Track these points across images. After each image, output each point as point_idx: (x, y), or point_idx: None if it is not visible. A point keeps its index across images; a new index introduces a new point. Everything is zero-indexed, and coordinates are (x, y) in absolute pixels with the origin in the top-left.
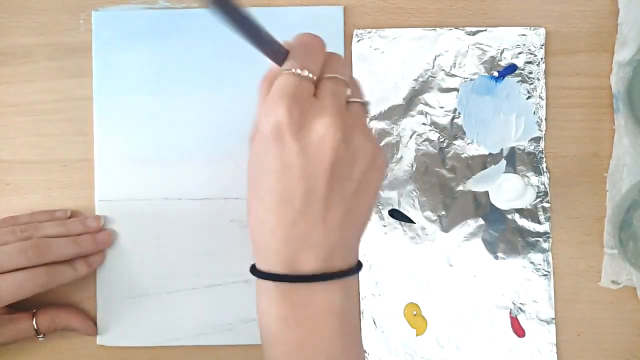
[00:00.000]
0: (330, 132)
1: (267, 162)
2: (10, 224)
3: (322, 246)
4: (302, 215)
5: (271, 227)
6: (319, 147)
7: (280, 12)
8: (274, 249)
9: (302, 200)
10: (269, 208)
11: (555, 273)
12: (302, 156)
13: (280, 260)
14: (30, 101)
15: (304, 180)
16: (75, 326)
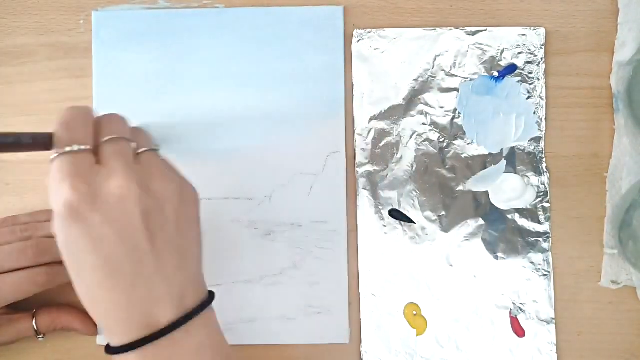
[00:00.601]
0: (126, 190)
1: (76, 244)
2: (10, 224)
3: (169, 294)
4: (137, 276)
5: (113, 301)
6: (122, 208)
7: (280, 12)
8: (125, 318)
9: (129, 263)
10: (102, 285)
11: (555, 273)
12: (108, 224)
13: (136, 326)
14: (30, 101)
15: (122, 244)
16: (75, 326)
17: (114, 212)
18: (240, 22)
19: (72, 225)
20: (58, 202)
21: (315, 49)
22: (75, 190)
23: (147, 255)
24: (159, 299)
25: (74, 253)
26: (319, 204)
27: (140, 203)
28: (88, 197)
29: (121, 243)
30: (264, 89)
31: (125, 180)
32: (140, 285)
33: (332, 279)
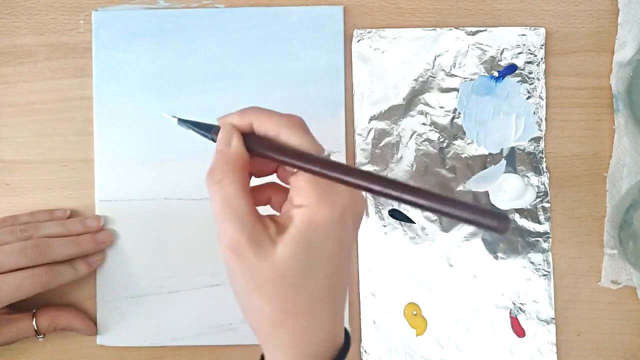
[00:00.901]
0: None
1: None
2: (10, 224)
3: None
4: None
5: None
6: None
7: (280, 12)
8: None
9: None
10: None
11: (555, 273)
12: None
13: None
14: (30, 101)
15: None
16: (75, 326)
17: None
18: (240, 22)
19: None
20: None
21: (315, 49)
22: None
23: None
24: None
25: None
26: None
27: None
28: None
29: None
30: (264, 89)
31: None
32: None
33: None
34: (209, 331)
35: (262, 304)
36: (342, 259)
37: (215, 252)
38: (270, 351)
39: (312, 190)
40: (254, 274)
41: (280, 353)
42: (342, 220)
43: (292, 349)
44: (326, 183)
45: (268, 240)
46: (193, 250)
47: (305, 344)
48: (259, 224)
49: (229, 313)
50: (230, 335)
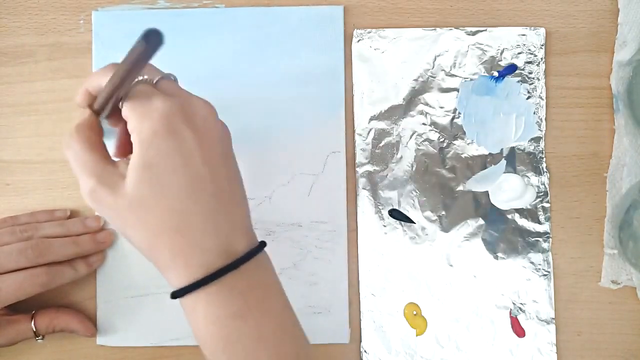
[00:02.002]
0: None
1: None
2: (10, 224)
3: (241, 223)
4: (218, 200)
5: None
6: (207, 127)
7: (280, 12)
8: (206, 247)
9: (212, 185)
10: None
11: (555, 273)
12: (198, 140)
13: (217, 255)
14: (30, 101)
15: (207, 164)
16: (74, 328)
17: (202, 131)
18: (240, 22)
19: (166, 139)
20: (153, 116)
21: (315, 49)
22: (169, 103)
23: (224, 180)
24: (237, 229)
25: (159, 174)
26: (319, 204)
27: (217, 125)
28: (182, 112)
29: (206, 163)
30: (264, 89)
31: (206, 102)
32: (221, 210)
33: (332, 279)
34: None
35: (135, 234)
36: (193, 171)
37: None
38: (166, 275)
39: (132, 113)
40: (116, 210)
41: (171, 273)
42: (170, 130)
43: (176, 266)
44: (142, 102)
45: (118, 177)
46: None
47: (186, 258)
48: (109, 167)
49: None
50: None
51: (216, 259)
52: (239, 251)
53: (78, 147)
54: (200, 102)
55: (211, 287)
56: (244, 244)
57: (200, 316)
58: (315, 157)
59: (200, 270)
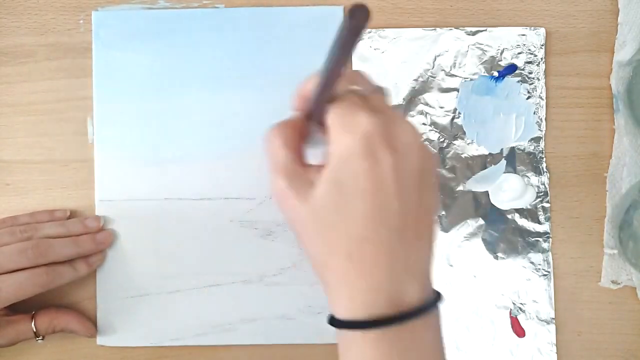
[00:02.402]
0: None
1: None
2: (9, 224)
3: (420, 271)
4: (400, 238)
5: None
6: (409, 157)
7: (280, 12)
8: (373, 284)
9: (398, 220)
10: (365, 239)
11: (555, 273)
12: (395, 169)
13: (383, 300)
14: (30, 101)
15: (398, 197)
16: (74, 328)
17: (402, 158)
18: (240, 22)
19: (361, 160)
20: (355, 131)
21: (315, 49)
22: (373, 121)
23: (413, 215)
24: (412, 273)
25: (347, 194)
26: None
27: (421, 152)
28: (385, 133)
29: (398, 194)
30: (264, 89)
31: (413, 128)
32: (400, 250)
33: None
34: (209, 331)
35: (309, 246)
36: (382, 200)
37: (215, 252)
38: (328, 297)
39: (334, 124)
40: (298, 217)
41: (332, 297)
42: (367, 150)
43: (339, 295)
44: (347, 115)
45: (308, 184)
46: (193, 250)
47: (352, 290)
48: (301, 171)
49: (229, 313)
50: (230, 335)
51: (382, 303)
52: (409, 302)
53: (278, 144)
54: (406, 126)
55: (371, 334)
56: (416, 294)
57: (353, 354)
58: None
59: (362, 309)
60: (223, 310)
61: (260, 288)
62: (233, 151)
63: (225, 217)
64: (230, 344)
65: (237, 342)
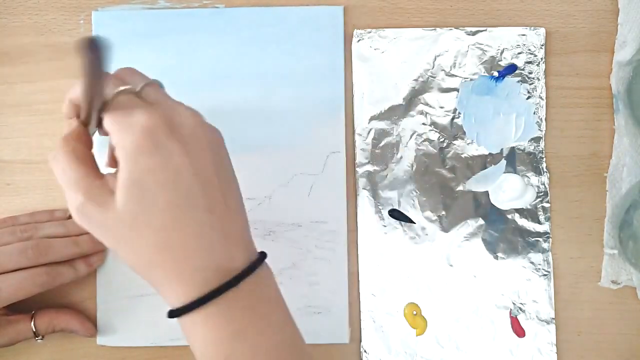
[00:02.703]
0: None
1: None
2: (10, 224)
3: (240, 237)
4: (211, 215)
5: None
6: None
7: (280, 12)
8: (200, 265)
9: (204, 199)
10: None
11: (555, 273)
12: (186, 154)
13: (212, 274)
14: (30, 101)
15: (198, 178)
16: (74, 328)
17: (190, 142)
18: (240, 22)
19: (151, 155)
20: (135, 130)
21: (315, 49)
22: (151, 115)
23: (217, 192)
24: (232, 240)
25: (147, 190)
26: (319, 204)
27: (206, 132)
28: (166, 124)
29: (197, 176)
30: (264, 89)
31: (192, 111)
32: (215, 225)
33: (332, 279)
34: None
35: (126, 252)
36: (184, 186)
37: None
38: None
39: (113, 127)
40: (105, 228)
41: (166, 291)
42: (153, 143)
43: (170, 286)
44: (123, 114)
45: (108, 193)
46: None
47: (180, 277)
48: (97, 183)
49: None
50: None
51: (213, 277)
52: (237, 267)
53: (65, 160)
54: (185, 111)
55: (209, 307)
56: (242, 259)
57: (199, 337)
58: (315, 157)
59: (196, 289)
60: None
61: None
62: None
63: None
64: None
65: None
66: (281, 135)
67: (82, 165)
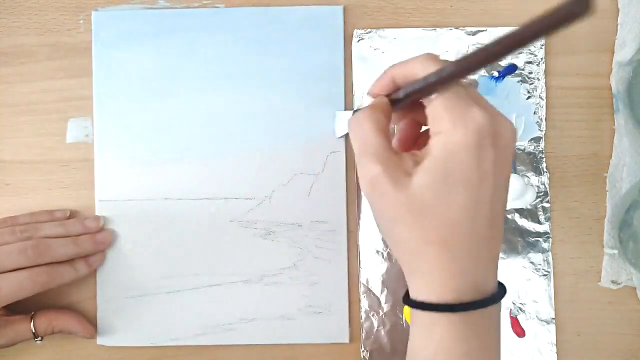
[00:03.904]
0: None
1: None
2: (9, 224)
3: (495, 262)
4: (489, 231)
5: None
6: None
7: (280, 12)
8: (462, 272)
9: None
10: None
11: (555, 273)
12: (496, 164)
13: (469, 285)
14: (30, 101)
15: (494, 190)
16: (73, 329)
17: (501, 154)
18: (240, 22)
19: (472, 154)
20: (469, 126)
21: (315, 49)
22: (486, 117)
23: (499, 209)
24: (493, 262)
25: (451, 185)
26: (319, 204)
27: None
28: (492, 130)
29: (494, 189)
30: (264, 89)
31: (511, 124)
32: (488, 240)
33: (332, 279)
34: (209, 331)
35: (401, 233)
36: (482, 192)
37: (215, 252)
38: (413, 281)
39: (445, 115)
40: (393, 204)
41: (421, 282)
42: (478, 145)
43: (430, 279)
44: (461, 107)
45: (403, 173)
46: (193, 250)
47: (444, 276)
48: (395, 158)
49: (229, 313)
50: (230, 335)
51: (468, 289)
52: (489, 289)
53: (369, 128)
54: (507, 124)
55: (456, 316)
56: (492, 283)
57: (435, 339)
58: (315, 157)
59: (451, 294)
60: (223, 310)
61: (260, 288)
62: (233, 151)
63: (225, 217)
64: (230, 344)
65: (237, 342)
66: (281, 135)
67: (385, 138)
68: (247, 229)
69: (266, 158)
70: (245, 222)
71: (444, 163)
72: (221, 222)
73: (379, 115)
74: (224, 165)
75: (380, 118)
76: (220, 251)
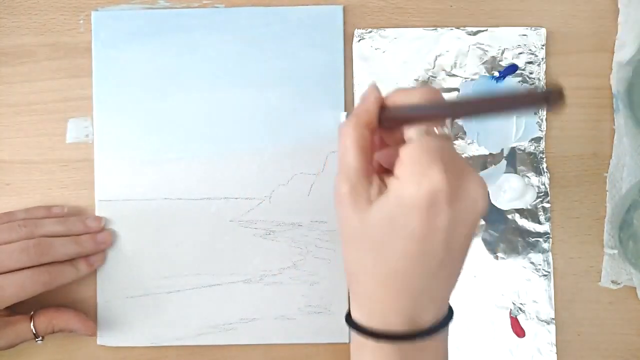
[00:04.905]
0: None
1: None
2: (5, 221)
3: (439, 299)
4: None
5: (398, 288)
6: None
7: (280, 12)
8: (396, 307)
9: (436, 263)
10: (405, 272)
11: (555, 273)
12: (449, 226)
13: (402, 319)
14: (30, 101)
15: (445, 247)
16: (74, 327)
17: (461, 214)
18: (240, 22)
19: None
20: (422, 186)
21: (315, 49)
22: (444, 178)
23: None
24: (434, 301)
25: (395, 230)
26: (319, 204)
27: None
28: (451, 190)
29: (444, 245)
30: (264, 89)
31: (481, 181)
32: (431, 285)
33: (332, 278)
34: (209, 331)
35: (349, 253)
36: (428, 245)
37: (215, 252)
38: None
39: (408, 165)
40: (348, 224)
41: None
42: (429, 204)
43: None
44: (422, 163)
45: (366, 198)
46: (193, 250)
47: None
48: (364, 181)
49: (229, 313)
50: (230, 335)
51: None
52: (423, 323)
53: (349, 144)
54: (473, 185)
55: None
56: (431, 317)
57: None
58: (315, 157)
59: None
60: (223, 310)
61: (260, 288)
62: (233, 151)
63: (225, 217)
64: (230, 344)
65: (237, 342)
66: (281, 135)
67: (362, 157)
68: (247, 228)
69: (266, 158)
70: (245, 222)
71: (394, 207)
72: (221, 222)
73: (362, 130)
74: (224, 165)
75: (364, 133)
76: (221, 251)
